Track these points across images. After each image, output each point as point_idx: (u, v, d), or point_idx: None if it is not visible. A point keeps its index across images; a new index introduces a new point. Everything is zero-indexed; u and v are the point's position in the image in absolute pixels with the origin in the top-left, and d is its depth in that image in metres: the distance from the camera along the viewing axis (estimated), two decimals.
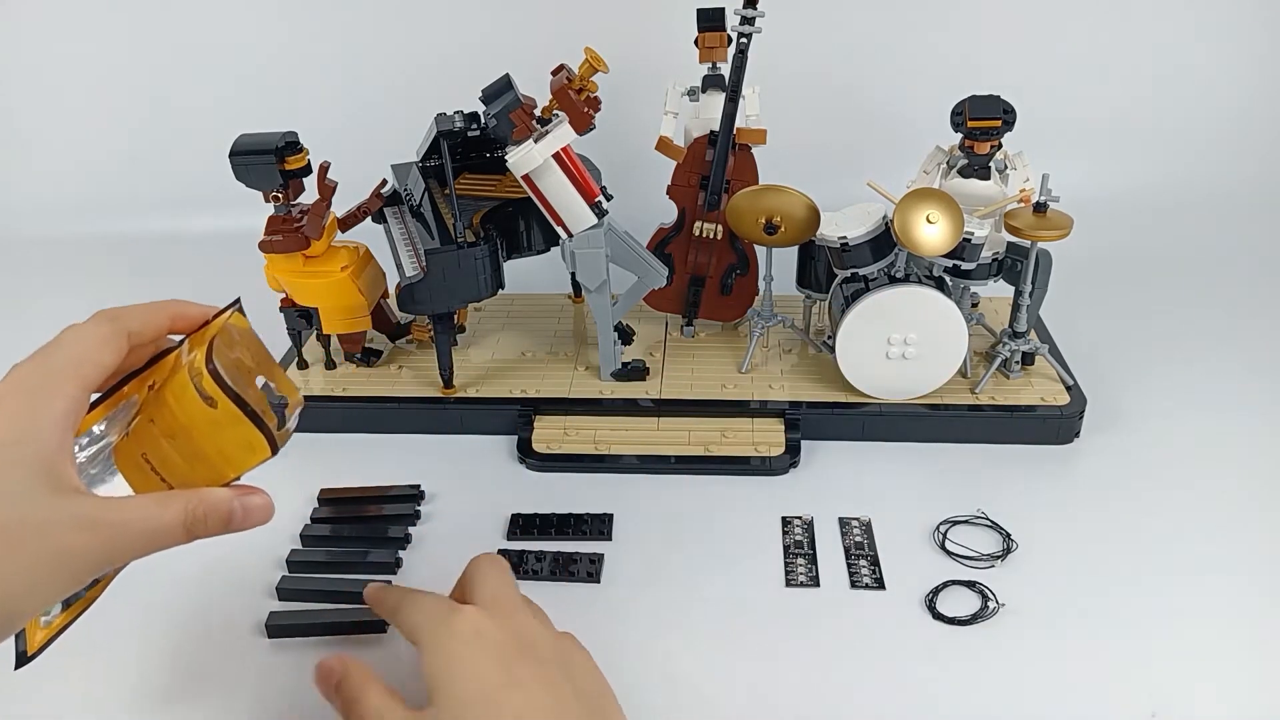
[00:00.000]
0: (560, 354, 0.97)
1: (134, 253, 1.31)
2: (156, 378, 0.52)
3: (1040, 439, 0.87)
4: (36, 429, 0.43)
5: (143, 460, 0.49)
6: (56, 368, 0.46)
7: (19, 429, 0.43)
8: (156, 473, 0.49)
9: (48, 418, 0.44)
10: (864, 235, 0.84)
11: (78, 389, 0.46)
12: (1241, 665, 0.64)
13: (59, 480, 0.43)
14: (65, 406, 0.45)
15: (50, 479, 0.43)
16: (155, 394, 0.50)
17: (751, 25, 0.85)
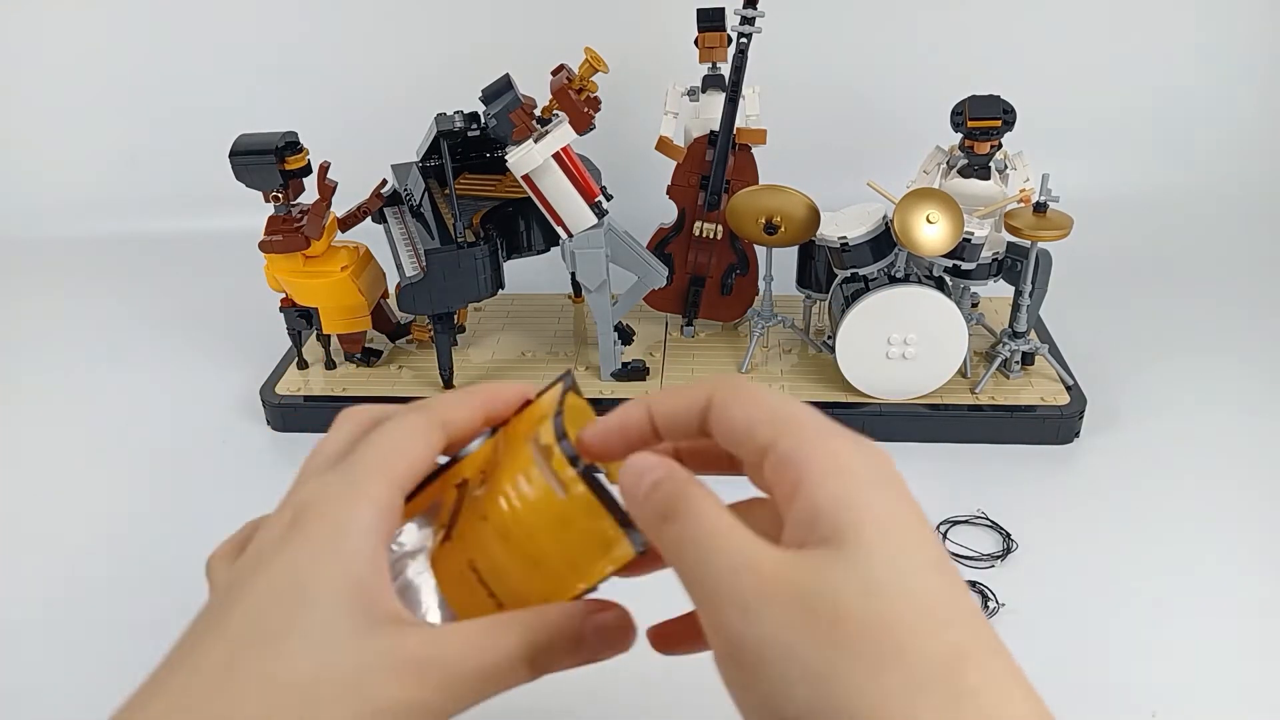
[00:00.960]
0: (560, 354, 0.97)
1: (134, 253, 1.31)
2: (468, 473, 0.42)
3: (1040, 439, 0.87)
4: (342, 546, 0.34)
5: (469, 570, 0.39)
6: (361, 467, 0.36)
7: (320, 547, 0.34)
8: (484, 584, 0.39)
9: (356, 530, 0.34)
10: (864, 235, 0.84)
11: (388, 489, 0.36)
12: (1241, 665, 0.64)
13: (372, 609, 0.34)
14: (374, 513, 0.35)
15: (361, 609, 0.33)
16: (487, 486, 0.40)
17: (751, 25, 0.85)
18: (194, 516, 0.82)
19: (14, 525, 0.81)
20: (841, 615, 0.30)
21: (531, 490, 0.38)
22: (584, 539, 0.38)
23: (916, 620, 0.30)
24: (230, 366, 1.02)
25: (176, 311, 1.15)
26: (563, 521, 0.37)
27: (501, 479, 0.39)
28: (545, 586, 0.39)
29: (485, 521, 0.39)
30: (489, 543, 0.39)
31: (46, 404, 0.99)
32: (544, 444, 0.38)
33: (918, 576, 0.31)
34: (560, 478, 0.37)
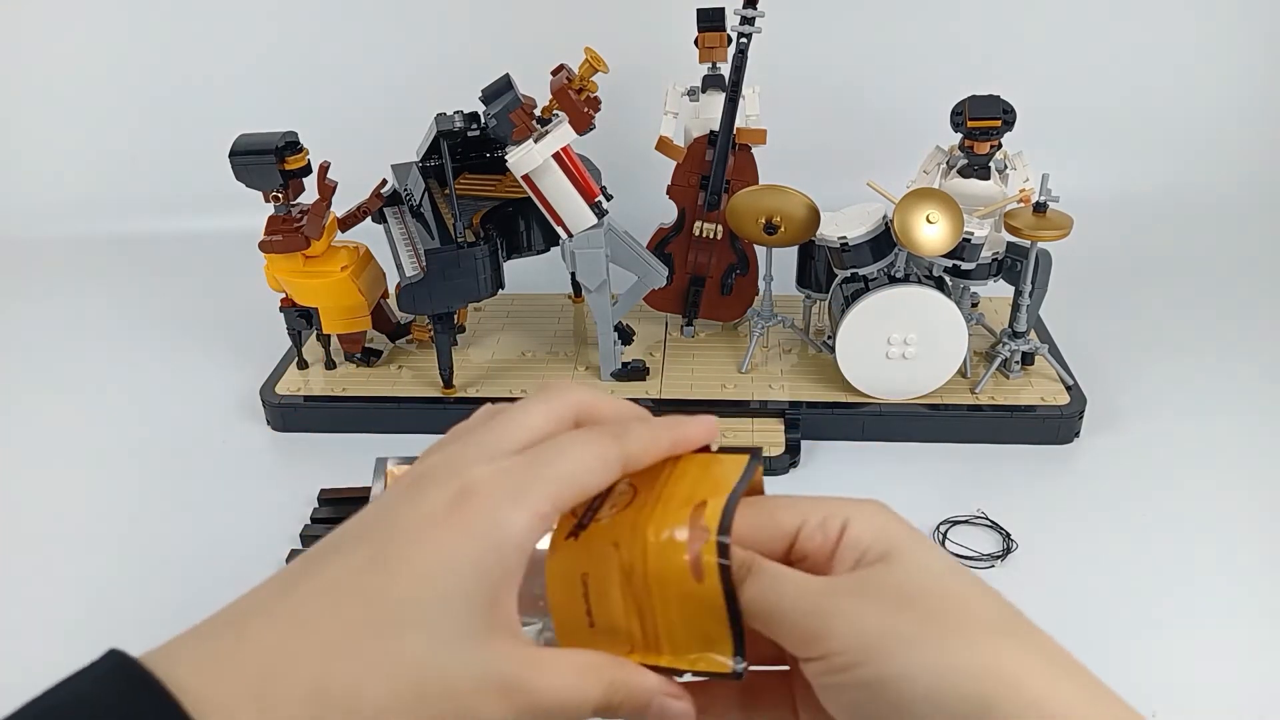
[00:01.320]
0: (560, 354, 0.97)
1: (134, 253, 1.31)
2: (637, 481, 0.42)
3: (1040, 439, 0.87)
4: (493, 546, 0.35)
5: (579, 581, 0.40)
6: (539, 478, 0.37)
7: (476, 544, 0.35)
8: (587, 601, 0.40)
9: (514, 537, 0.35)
10: (864, 235, 0.84)
11: (553, 509, 0.37)
12: (1241, 665, 0.64)
13: (495, 620, 0.35)
14: (533, 528, 0.36)
15: (487, 618, 0.35)
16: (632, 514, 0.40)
17: (751, 25, 0.85)
18: (194, 516, 0.82)
19: (14, 525, 0.81)
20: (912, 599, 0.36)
21: (671, 555, 0.38)
22: (694, 629, 0.38)
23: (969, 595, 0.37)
24: (230, 366, 1.02)
25: (176, 311, 1.15)
26: (683, 601, 0.38)
27: (649, 521, 0.39)
28: (639, 640, 0.39)
29: (615, 549, 0.39)
30: (609, 570, 0.39)
31: (46, 404, 0.99)
32: (705, 524, 0.38)
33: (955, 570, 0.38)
34: (702, 564, 0.38)
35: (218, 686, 0.34)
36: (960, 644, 0.35)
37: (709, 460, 0.42)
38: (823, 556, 0.39)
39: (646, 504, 0.41)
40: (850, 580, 0.38)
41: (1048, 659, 0.38)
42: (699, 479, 0.41)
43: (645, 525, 0.39)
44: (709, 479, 0.41)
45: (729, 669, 0.38)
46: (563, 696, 0.37)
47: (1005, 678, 0.35)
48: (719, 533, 0.38)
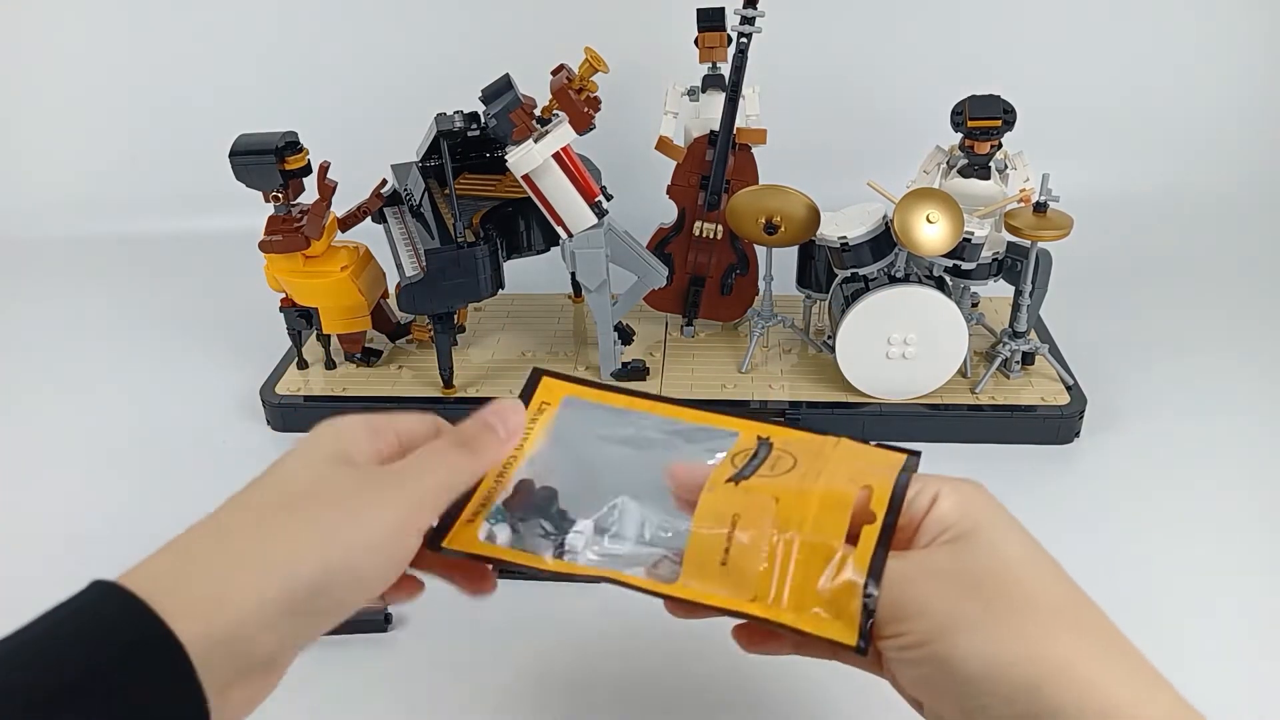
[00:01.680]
0: (560, 354, 0.97)
1: (134, 253, 1.31)
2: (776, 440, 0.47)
3: (1040, 439, 0.87)
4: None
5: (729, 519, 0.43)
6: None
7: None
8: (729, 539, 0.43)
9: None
10: (864, 235, 0.84)
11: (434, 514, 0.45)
12: (1242, 665, 0.64)
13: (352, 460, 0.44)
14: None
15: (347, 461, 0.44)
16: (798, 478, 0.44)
17: (751, 25, 0.85)
18: (194, 516, 0.81)
19: (14, 525, 0.81)
20: (984, 579, 0.39)
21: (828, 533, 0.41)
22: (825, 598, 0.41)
23: (1037, 578, 0.40)
24: (230, 366, 1.02)
25: (176, 311, 1.15)
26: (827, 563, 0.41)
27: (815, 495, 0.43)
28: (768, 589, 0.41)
29: (775, 503, 0.43)
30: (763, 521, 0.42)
31: (46, 404, 0.99)
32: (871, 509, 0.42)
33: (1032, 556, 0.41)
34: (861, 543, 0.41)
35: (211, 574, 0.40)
36: (1016, 630, 0.38)
37: (869, 450, 0.46)
38: (911, 526, 0.42)
39: (810, 473, 0.44)
40: (925, 560, 0.40)
41: (1104, 645, 0.40)
42: (863, 466, 0.44)
43: (811, 491, 0.43)
44: (873, 467, 0.44)
45: (854, 643, 0.40)
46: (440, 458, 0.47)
47: (1057, 661, 0.37)
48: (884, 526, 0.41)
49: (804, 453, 0.46)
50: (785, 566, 0.41)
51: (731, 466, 0.46)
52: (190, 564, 0.40)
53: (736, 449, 0.47)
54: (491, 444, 0.48)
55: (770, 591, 0.41)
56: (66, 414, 0.97)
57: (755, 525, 0.42)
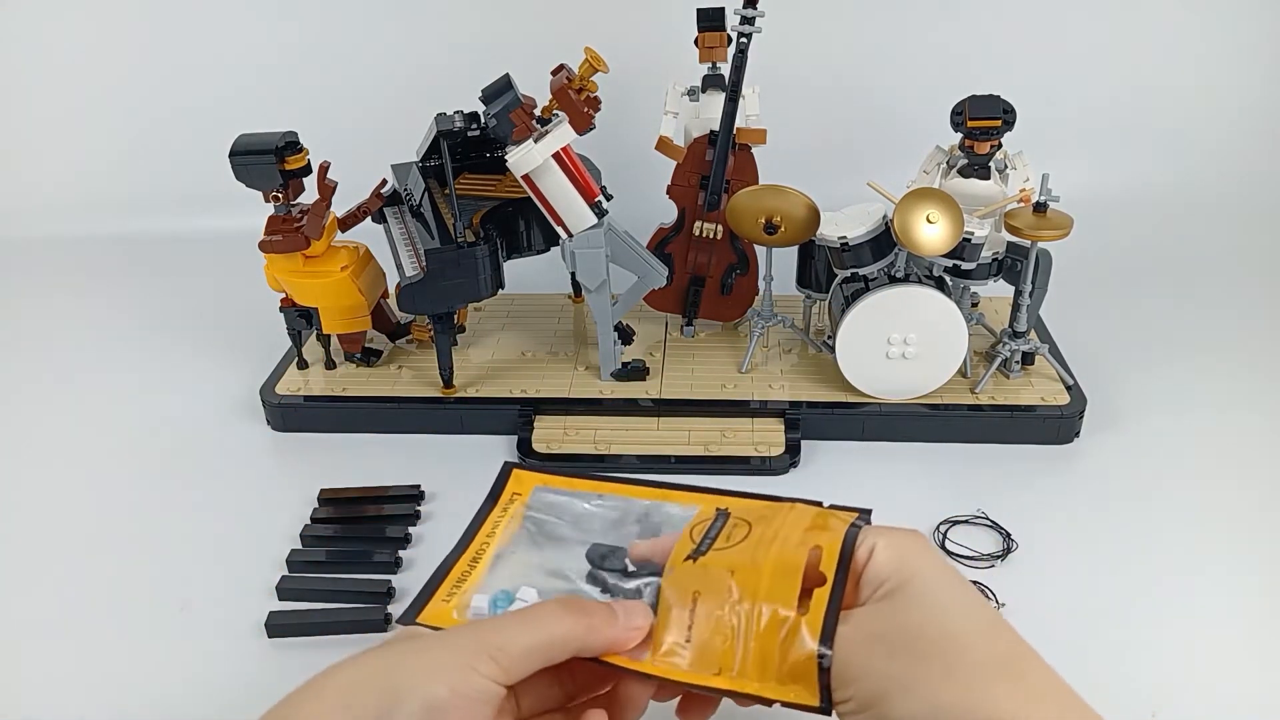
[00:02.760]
0: (560, 354, 0.97)
1: (134, 253, 1.31)
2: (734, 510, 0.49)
3: (1040, 439, 0.87)
4: None
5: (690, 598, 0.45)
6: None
7: None
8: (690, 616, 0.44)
9: None
10: (864, 235, 0.84)
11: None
12: (1242, 665, 0.64)
13: None
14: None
15: None
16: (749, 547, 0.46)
17: (751, 25, 0.85)
18: (194, 516, 0.82)
19: (14, 525, 0.81)
20: (915, 637, 0.40)
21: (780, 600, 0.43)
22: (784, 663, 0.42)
23: (973, 633, 0.40)
24: (230, 366, 1.02)
25: (176, 311, 1.15)
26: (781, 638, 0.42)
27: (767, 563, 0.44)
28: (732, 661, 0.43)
29: (730, 575, 0.44)
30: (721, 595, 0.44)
31: (46, 404, 0.99)
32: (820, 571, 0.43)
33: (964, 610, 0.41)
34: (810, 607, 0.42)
35: None
36: (948, 685, 0.38)
37: (820, 512, 0.48)
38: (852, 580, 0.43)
39: (764, 540, 0.46)
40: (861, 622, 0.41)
41: (1039, 697, 0.39)
42: (812, 528, 0.46)
43: (764, 559, 0.44)
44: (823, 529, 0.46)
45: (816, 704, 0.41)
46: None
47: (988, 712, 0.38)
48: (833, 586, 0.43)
49: (758, 520, 0.47)
50: (746, 638, 0.43)
51: (690, 541, 0.47)
52: None
53: (695, 521, 0.49)
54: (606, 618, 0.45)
55: (735, 664, 0.43)
56: (66, 414, 0.97)
57: (714, 601, 0.44)
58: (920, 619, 0.41)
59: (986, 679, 0.39)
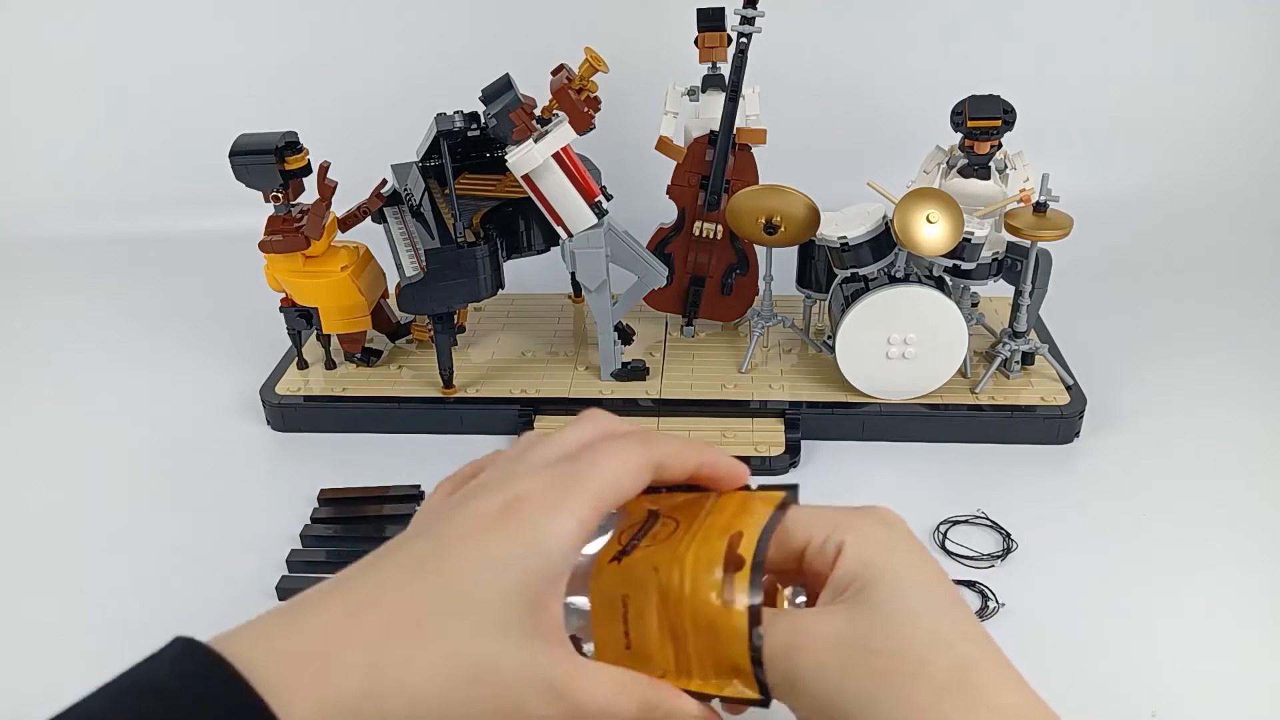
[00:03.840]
0: (560, 354, 0.97)
1: (134, 253, 1.31)
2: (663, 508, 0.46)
3: (1040, 439, 0.87)
4: (542, 552, 0.38)
5: (620, 602, 0.42)
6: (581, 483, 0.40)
7: (523, 546, 0.38)
8: (625, 622, 0.42)
9: (558, 541, 0.38)
10: (864, 235, 0.84)
11: (593, 512, 0.39)
12: (1241, 665, 0.64)
13: (540, 622, 0.38)
14: (577, 531, 0.38)
15: (535, 618, 0.38)
16: (672, 543, 0.43)
17: (751, 25, 0.85)
18: (193, 516, 0.82)
19: (13, 525, 0.81)
20: (872, 650, 0.38)
21: (705, 583, 0.41)
22: (720, 655, 0.40)
23: (928, 646, 0.39)
24: (230, 366, 1.02)
25: (176, 311, 1.15)
26: (712, 628, 0.40)
27: (689, 552, 0.42)
28: (672, 661, 0.41)
29: (655, 574, 0.42)
30: (648, 593, 0.42)
31: (45, 403, 0.99)
32: (740, 552, 0.41)
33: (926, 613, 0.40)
34: (734, 592, 0.40)
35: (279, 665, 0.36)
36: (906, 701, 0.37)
37: (747, 497, 0.45)
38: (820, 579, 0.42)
39: (687, 534, 0.43)
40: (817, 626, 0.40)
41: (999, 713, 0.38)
42: (737, 513, 0.43)
43: (685, 552, 0.42)
44: (746, 513, 0.43)
45: (754, 696, 0.40)
46: (600, 706, 0.38)
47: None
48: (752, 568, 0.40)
49: (686, 514, 0.45)
50: (680, 634, 0.41)
51: (617, 544, 0.44)
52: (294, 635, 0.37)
53: (624, 525, 0.46)
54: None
55: (674, 662, 0.41)
56: (66, 414, 0.97)
57: (643, 602, 0.42)
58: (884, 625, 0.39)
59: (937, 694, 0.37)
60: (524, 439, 0.45)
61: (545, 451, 0.43)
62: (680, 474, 0.44)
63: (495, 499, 0.40)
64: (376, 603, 0.38)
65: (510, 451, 0.44)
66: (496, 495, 0.40)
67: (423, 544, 0.40)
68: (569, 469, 0.40)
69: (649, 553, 0.43)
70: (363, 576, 0.39)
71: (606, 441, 0.42)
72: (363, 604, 0.38)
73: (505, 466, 0.43)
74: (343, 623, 0.37)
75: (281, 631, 0.37)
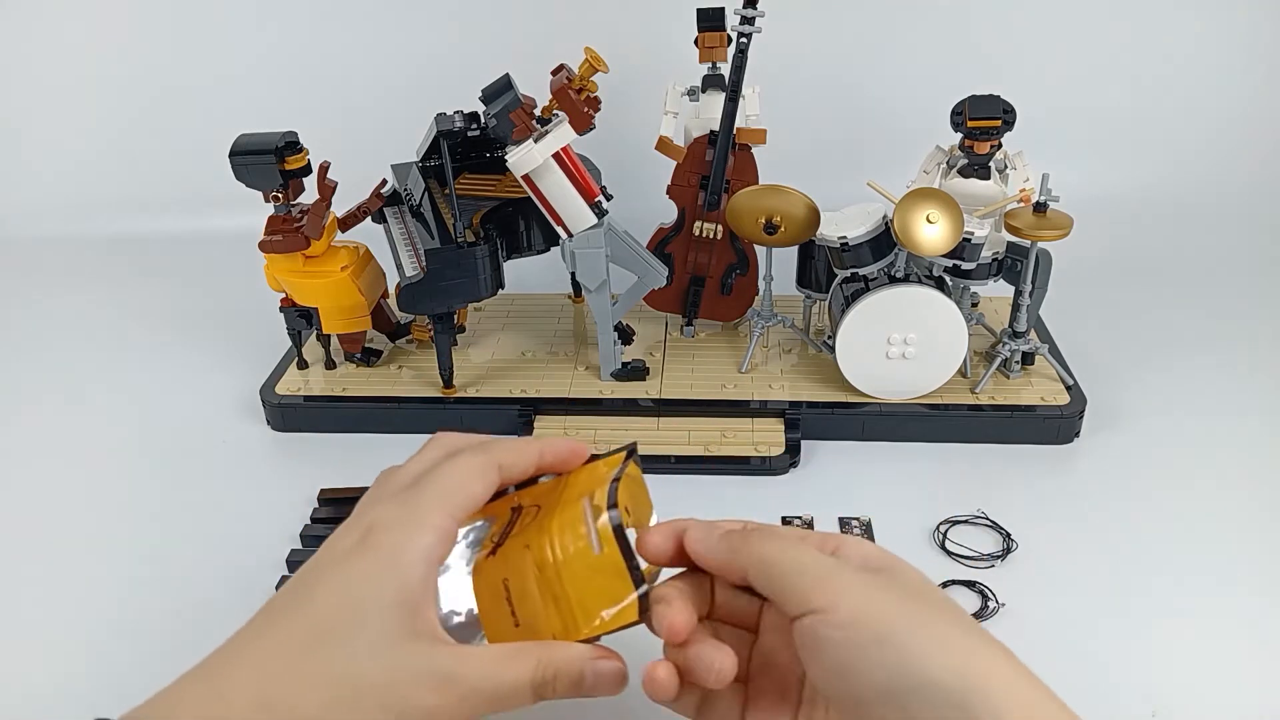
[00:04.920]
0: (560, 354, 0.97)
1: (134, 253, 1.31)
2: (525, 501, 0.49)
3: (1040, 439, 0.87)
4: (400, 566, 0.41)
5: (501, 586, 0.46)
6: (427, 499, 0.43)
7: (381, 565, 0.41)
8: (510, 604, 0.45)
9: (414, 553, 0.41)
10: (864, 235, 0.84)
11: (446, 520, 0.43)
12: (1241, 665, 0.64)
13: (416, 625, 0.40)
14: (432, 541, 0.42)
15: (408, 623, 0.40)
16: (537, 521, 0.46)
17: (751, 25, 0.85)
18: (194, 516, 0.82)
19: (13, 525, 0.81)
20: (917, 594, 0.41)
21: (572, 539, 0.44)
22: (603, 592, 0.43)
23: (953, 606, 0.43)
24: (230, 366, 1.02)
25: (176, 311, 1.15)
26: (590, 571, 0.44)
27: (552, 521, 0.45)
28: (559, 622, 0.44)
29: (527, 550, 0.45)
30: (524, 569, 0.45)
31: (46, 404, 0.99)
32: (595, 504, 0.45)
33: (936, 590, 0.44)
34: (600, 536, 0.44)
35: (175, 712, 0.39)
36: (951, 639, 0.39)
37: (594, 465, 0.49)
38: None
39: (548, 510, 0.47)
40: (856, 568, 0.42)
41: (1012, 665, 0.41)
42: (587, 480, 0.47)
43: (549, 523, 0.45)
44: (595, 477, 0.47)
45: (636, 617, 0.43)
46: (495, 682, 0.41)
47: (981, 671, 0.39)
48: (608, 508, 0.44)
49: (546, 498, 0.49)
50: (561, 595, 0.44)
51: (490, 543, 0.48)
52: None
53: (495, 528, 0.49)
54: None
55: (560, 623, 0.44)
56: (66, 414, 0.97)
57: (522, 578, 0.45)
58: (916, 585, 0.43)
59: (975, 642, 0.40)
60: (380, 476, 0.49)
61: (394, 482, 0.46)
62: (525, 469, 0.48)
63: (352, 534, 0.43)
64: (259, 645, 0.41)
65: (368, 492, 0.48)
66: (353, 530, 0.44)
67: (291, 587, 0.43)
68: (414, 491, 0.44)
69: (518, 538, 0.46)
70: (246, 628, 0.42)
71: (447, 459, 0.46)
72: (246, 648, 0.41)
73: (360, 505, 0.46)
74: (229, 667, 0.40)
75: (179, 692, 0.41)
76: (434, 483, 0.44)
